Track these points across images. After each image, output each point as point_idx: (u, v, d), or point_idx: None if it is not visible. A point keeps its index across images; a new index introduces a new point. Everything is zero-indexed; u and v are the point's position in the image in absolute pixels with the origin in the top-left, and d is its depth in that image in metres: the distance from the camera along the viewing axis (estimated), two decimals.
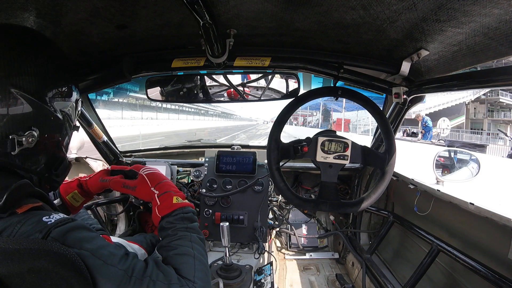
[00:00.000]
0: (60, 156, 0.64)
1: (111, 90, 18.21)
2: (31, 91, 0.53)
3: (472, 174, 1.44)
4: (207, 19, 0.74)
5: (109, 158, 1.73)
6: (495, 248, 1.09)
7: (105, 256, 0.49)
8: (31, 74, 0.54)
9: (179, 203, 0.73)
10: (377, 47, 1.02)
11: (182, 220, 0.70)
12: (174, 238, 0.66)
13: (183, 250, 0.63)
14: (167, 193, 0.75)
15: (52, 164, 0.61)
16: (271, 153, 1.04)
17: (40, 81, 0.55)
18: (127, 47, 1.08)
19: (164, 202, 0.74)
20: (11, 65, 0.52)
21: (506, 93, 21.24)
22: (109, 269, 0.48)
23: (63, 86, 0.61)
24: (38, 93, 0.55)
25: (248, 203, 1.56)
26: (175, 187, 0.80)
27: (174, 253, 0.62)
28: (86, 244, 0.49)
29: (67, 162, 0.67)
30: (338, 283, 1.80)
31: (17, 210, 0.47)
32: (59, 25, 0.82)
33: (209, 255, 1.49)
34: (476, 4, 0.62)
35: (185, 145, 2.36)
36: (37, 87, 0.55)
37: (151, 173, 0.81)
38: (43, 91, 0.56)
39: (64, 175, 0.67)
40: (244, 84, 1.40)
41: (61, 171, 0.65)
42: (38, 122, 0.55)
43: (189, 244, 0.65)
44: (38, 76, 0.55)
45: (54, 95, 0.59)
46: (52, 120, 0.58)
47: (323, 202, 1.05)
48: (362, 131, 21.25)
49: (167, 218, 0.71)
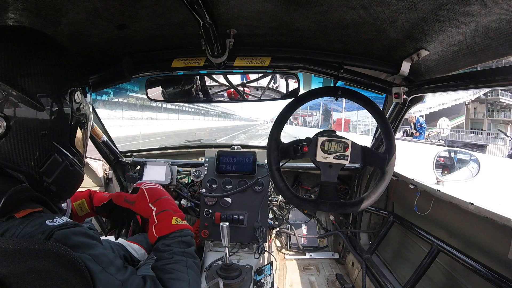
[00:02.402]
0: (47, 151, 0.57)
1: (111, 90, 18.23)
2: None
3: (472, 174, 1.43)
4: (207, 19, 0.74)
5: (109, 158, 1.73)
6: (495, 248, 1.09)
7: (105, 263, 0.50)
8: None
9: (178, 224, 0.71)
10: (377, 47, 1.02)
11: (179, 243, 0.69)
12: (169, 262, 0.65)
13: (178, 276, 0.63)
14: (166, 212, 0.73)
15: (38, 161, 0.55)
16: (271, 153, 1.04)
17: (7, 64, 0.52)
18: (127, 47, 1.08)
19: (162, 221, 0.72)
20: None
21: (506, 93, 21.23)
22: (107, 277, 0.49)
23: (39, 68, 0.55)
24: (5, 76, 0.51)
25: (248, 203, 1.56)
26: (175, 205, 0.78)
27: (169, 277, 0.62)
28: (88, 249, 0.49)
29: (59, 159, 0.58)
30: (338, 283, 1.80)
31: (16, 215, 0.47)
32: (59, 25, 0.82)
33: (209, 255, 1.49)
34: (476, 4, 0.62)
35: (185, 145, 2.35)
36: (5, 69, 0.51)
37: (151, 188, 0.80)
38: (12, 74, 0.51)
39: (59, 177, 0.59)
40: (244, 84, 1.40)
41: (50, 170, 0.57)
42: (5, 108, 0.51)
43: (185, 270, 0.64)
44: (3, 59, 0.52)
45: (25, 77, 0.53)
46: (24, 107, 0.52)
47: (323, 202, 1.05)
48: (362, 131, 21.24)
49: (163, 240, 0.69)
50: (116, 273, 0.50)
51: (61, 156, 0.59)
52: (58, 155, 0.58)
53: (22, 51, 0.54)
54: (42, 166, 0.56)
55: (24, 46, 0.55)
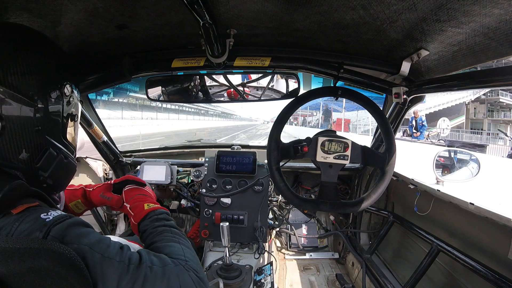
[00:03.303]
0: (42, 146, 0.57)
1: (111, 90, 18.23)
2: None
3: (472, 174, 1.43)
4: (207, 19, 0.74)
5: (109, 158, 1.73)
6: (495, 248, 1.09)
7: (103, 249, 0.50)
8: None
9: (150, 208, 0.75)
10: (377, 47, 1.02)
11: (158, 220, 0.72)
12: (155, 234, 0.67)
13: (168, 240, 0.65)
14: (138, 203, 0.78)
15: (33, 157, 0.56)
16: (271, 153, 1.04)
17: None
18: (127, 47, 1.08)
19: (135, 210, 0.76)
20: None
21: (506, 93, 21.23)
22: (108, 261, 0.49)
23: (29, 65, 0.55)
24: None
25: (248, 203, 1.56)
26: (149, 198, 0.83)
27: (159, 244, 0.63)
28: (84, 239, 0.49)
29: (54, 153, 0.59)
30: (338, 283, 1.80)
31: (12, 211, 0.47)
32: (59, 25, 0.82)
33: (209, 255, 1.49)
34: (476, 4, 0.62)
35: (185, 145, 2.35)
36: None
37: (130, 189, 0.86)
38: (1, 73, 0.51)
39: (55, 170, 0.60)
40: (244, 84, 1.40)
41: (46, 165, 0.58)
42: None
43: (171, 236, 0.66)
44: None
45: (16, 74, 0.52)
46: (16, 105, 0.52)
47: (323, 202, 1.05)
48: (362, 131, 21.23)
49: (143, 222, 0.73)
50: (115, 255, 0.51)
51: (56, 150, 0.60)
52: (52, 149, 0.59)
53: (10, 48, 0.54)
54: (38, 161, 0.57)
55: (12, 43, 0.54)
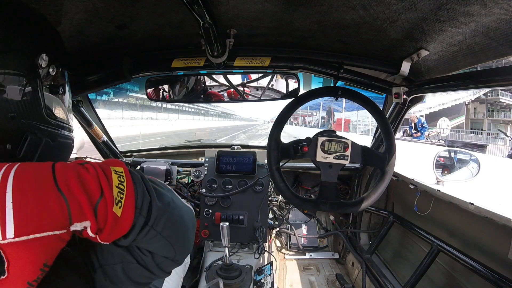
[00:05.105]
0: (21, 134, 0.48)
1: (111, 90, 18.19)
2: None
3: (472, 174, 1.43)
4: (207, 19, 0.74)
5: (109, 158, 1.73)
6: (495, 248, 1.09)
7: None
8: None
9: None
10: (377, 47, 1.02)
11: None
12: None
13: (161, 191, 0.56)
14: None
15: (13, 148, 0.48)
16: (271, 153, 1.04)
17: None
18: (127, 47, 1.08)
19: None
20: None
21: (506, 93, 21.21)
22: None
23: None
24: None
25: (248, 203, 1.56)
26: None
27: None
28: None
29: (37, 138, 0.50)
30: (338, 283, 1.80)
31: None
32: (59, 25, 0.82)
33: (209, 255, 1.49)
34: (476, 4, 0.62)
35: (185, 145, 2.35)
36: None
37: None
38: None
39: (42, 157, 0.51)
40: (244, 84, 1.40)
41: (29, 153, 0.49)
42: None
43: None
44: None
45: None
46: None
47: (323, 202, 1.05)
48: (362, 131, 21.23)
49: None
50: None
51: (39, 133, 0.51)
52: (34, 134, 0.50)
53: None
54: (20, 152, 0.48)
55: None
